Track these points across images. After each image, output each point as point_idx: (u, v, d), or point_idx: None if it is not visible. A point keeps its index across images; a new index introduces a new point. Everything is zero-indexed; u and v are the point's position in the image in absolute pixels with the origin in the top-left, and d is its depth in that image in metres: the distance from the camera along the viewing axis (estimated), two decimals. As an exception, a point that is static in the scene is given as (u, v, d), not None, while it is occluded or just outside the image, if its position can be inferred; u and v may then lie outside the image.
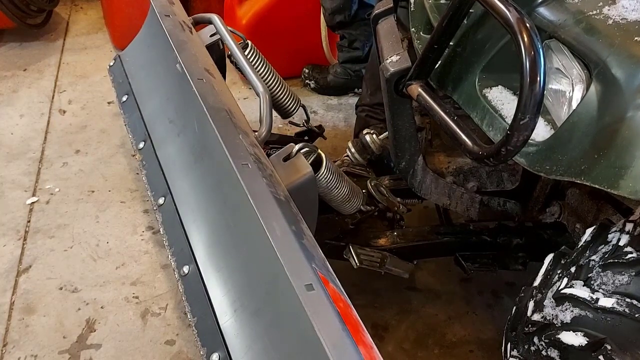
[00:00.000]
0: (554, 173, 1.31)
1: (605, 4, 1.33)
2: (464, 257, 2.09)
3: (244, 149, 1.41)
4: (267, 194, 1.29)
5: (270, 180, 1.36)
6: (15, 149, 2.96)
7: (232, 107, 1.60)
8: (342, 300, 1.16)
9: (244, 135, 1.47)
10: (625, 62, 1.22)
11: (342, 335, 1.03)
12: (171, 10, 1.95)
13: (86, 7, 4.21)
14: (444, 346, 2.22)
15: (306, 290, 1.10)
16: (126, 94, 1.95)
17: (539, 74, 1.18)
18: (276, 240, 1.19)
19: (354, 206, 1.95)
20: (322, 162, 1.73)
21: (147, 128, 1.80)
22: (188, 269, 1.38)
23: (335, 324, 1.05)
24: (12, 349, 2.09)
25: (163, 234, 1.59)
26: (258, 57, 2.11)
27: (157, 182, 1.63)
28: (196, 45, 1.86)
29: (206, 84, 1.62)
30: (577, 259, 1.40)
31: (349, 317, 1.11)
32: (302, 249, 1.19)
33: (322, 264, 1.22)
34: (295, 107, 2.22)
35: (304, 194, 1.54)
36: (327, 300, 1.09)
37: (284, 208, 1.29)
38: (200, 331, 1.24)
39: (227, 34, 1.92)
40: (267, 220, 1.23)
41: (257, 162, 1.38)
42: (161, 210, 1.57)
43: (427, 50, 1.53)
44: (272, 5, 3.24)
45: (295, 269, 1.14)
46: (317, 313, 1.06)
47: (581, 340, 1.26)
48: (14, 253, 2.44)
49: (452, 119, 1.46)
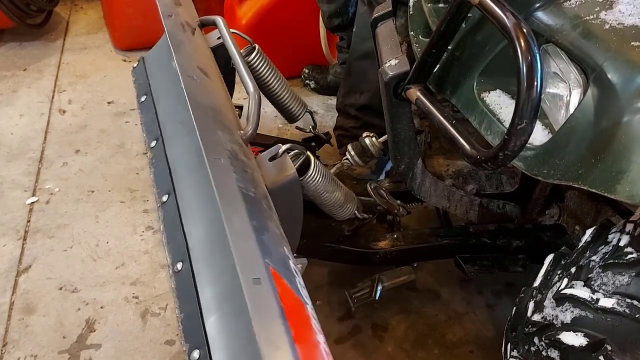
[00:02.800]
0: (551, 177, 1.31)
1: (602, 9, 1.33)
2: (464, 259, 2.09)
3: (221, 145, 1.40)
4: (234, 189, 1.29)
5: (242, 176, 1.35)
6: (15, 149, 2.96)
7: (220, 105, 1.60)
8: (295, 297, 1.14)
9: (225, 132, 1.46)
10: (621, 66, 1.22)
11: (279, 330, 1.03)
12: (175, 10, 1.96)
13: (86, 7, 4.21)
14: (444, 346, 2.22)
15: (252, 284, 1.09)
16: (145, 95, 1.98)
17: (536, 78, 1.18)
18: (232, 233, 1.19)
19: (347, 212, 1.94)
20: (310, 165, 1.73)
21: (160, 127, 1.82)
22: (181, 265, 1.38)
23: (275, 319, 1.04)
24: (12, 349, 2.10)
25: (163, 231, 1.60)
26: (264, 61, 2.11)
27: (163, 180, 1.65)
28: (195, 45, 1.87)
29: (196, 81, 1.63)
30: (578, 259, 1.40)
31: (298, 315, 1.11)
32: (259, 244, 1.18)
33: (281, 261, 1.20)
34: (301, 112, 2.23)
35: (287, 194, 1.54)
36: (272, 295, 1.08)
37: (250, 204, 1.28)
38: (185, 328, 1.24)
39: (228, 36, 1.92)
40: (228, 213, 1.22)
41: (232, 158, 1.38)
42: (163, 208, 1.58)
43: (426, 54, 1.53)
44: (272, 6, 3.24)
45: (245, 263, 1.14)
46: (258, 307, 1.06)
47: (581, 341, 1.26)
48: (13, 253, 2.45)
49: (450, 122, 1.46)
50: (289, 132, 3.17)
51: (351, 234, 2.06)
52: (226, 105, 1.67)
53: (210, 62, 1.85)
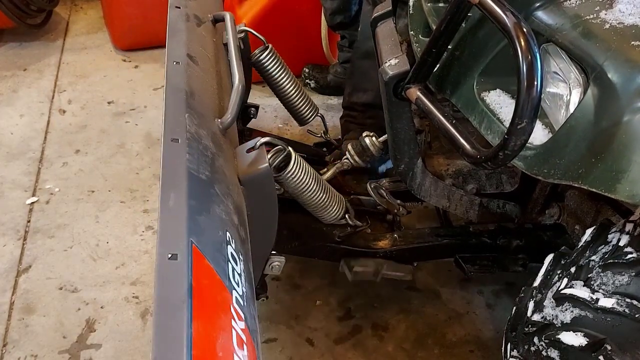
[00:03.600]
0: (551, 177, 1.31)
1: (602, 9, 1.33)
2: (464, 259, 2.09)
3: (182, 127, 1.40)
4: (182, 169, 1.28)
5: (197, 158, 1.35)
6: (15, 149, 2.97)
7: (200, 92, 1.60)
8: (215, 279, 1.12)
9: (194, 116, 1.46)
10: (621, 66, 1.22)
11: (179, 306, 1.01)
12: (185, 2, 1.97)
13: (86, 7, 4.20)
14: (444, 346, 2.22)
15: (167, 259, 1.08)
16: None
17: (536, 78, 1.18)
18: (164, 209, 1.18)
19: (332, 215, 1.94)
20: (290, 161, 1.74)
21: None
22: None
23: (179, 294, 1.02)
24: (12, 349, 2.10)
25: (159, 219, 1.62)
26: (276, 60, 2.11)
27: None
28: (195, 36, 1.86)
29: (179, 67, 1.62)
30: (577, 259, 1.40)
31: (212, 296, 1.09)
32: (190, 222, 1.17)
33: (212, 243, 1.18)
34: (311, 115, 2.23)
35: (259, 187, 1.53)
36: (185, 272, 1.06)
37: (196, 185, 1.27)
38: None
39: (231, 31, 1.92)
40: (166, 191, 1.22)
41: (191, 140, 1.38)
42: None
43: (426, 53, 1.53)
44: (272, 5, 3.24)
45: (167, 238, 1.12)
46: (165, 281, 1.05)
47: (581, 341, 1.26)
48: (13, 253, 2.45)
49: (450, 122, 1.46)
50: (289, 132, 3.17)
51: (351, 235, 2.05)
52: (210, 93, 1.66)
53: (211, 53, 1.84)
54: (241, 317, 1.11)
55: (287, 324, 2.26)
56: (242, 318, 1.11)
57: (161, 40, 1.86)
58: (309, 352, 2.18)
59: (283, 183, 1.77)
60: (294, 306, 2.32)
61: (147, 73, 3.57)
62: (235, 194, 1.40)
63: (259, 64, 2.11)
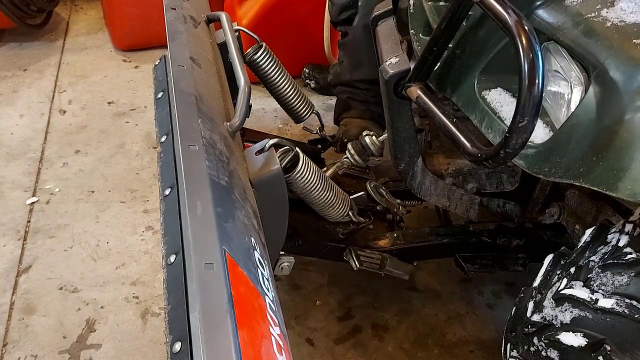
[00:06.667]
0: (552, 175, 1.31)
1: (604, 7, 1.33)
2: (464, 258, 2.09)
3: (198, 133, 1.40)
4: (204, 176, 1.28)
5: (216, 164, 1.35)
6: (15, 149, 2.96)
7: (208, 95, 1.60)
8: (250, 286, 1.12)
9: (206, 121, 1.46)
10: (623, 64, 1.22)
11: (223, 315, 1.01)
12: (180, 4, 1.97)
13: (86, 7, 4.21)
14: (444, 346, 2.22)
15: (204, 269, 1.08)
16: (162, 91, 1.98)
17: (538, 76, 1.18)
18: (193, 218, 1.18)
19: (339, 213, 1.94)
20: (298, 161, 1.73)
21: (172, 123, 1.82)
22: (174, 258, 1.38)
23: (221, 304, 1.03)
24: (12, 349, 2.10)
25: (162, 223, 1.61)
26: (271, 59, 2.11)
27: (168, 173, 1.65)
28: (194, 38, 1.86)
29: (185, 70, 1.62)
30: (577, 259, 1.40)
31: (250, 303, 1.09)
32: (220, 230, 1.17)
33: (242, 250, 1.19)
34: (307, 112, 2.22)
35: (271, 188, 1.54)
36: (223, 281, 1.07)
37: (219, 191, 1.27)
38: (170, 319, 1.24)
39: (229, 31, 1.92)
40: (192, 199, 1.22)
41: (207, 146, 1.37)
42: (165, 201, 1.59)
43: (426, 52, 1.53)
44: (273, 5, 3.24)
45: (200, 247, 1.13)
46: (207, 291, 1.05)
47: (581, 341, 1.26)
48: (14, 253, 2.45)
49: (451, 121, 1.46)
50: (289, 132, 3.17)
51: (352, 233, 2.05)
52: (216, 96, 1.66)
53: (210, 54, 1.84)
54: (276, 322, 1.12)
55: (287, 324, 2.25)
56: (277, 324, 1.13)
57: (161, 41, 1.86)
58: (309, 352, 2.18)
59: (292, 183, 1.77)
60: (294, 306, 2.32)
61: (147, 73, 3.56)
62: (250, 197, 1.41)
63: (253, 63, 2.11)
